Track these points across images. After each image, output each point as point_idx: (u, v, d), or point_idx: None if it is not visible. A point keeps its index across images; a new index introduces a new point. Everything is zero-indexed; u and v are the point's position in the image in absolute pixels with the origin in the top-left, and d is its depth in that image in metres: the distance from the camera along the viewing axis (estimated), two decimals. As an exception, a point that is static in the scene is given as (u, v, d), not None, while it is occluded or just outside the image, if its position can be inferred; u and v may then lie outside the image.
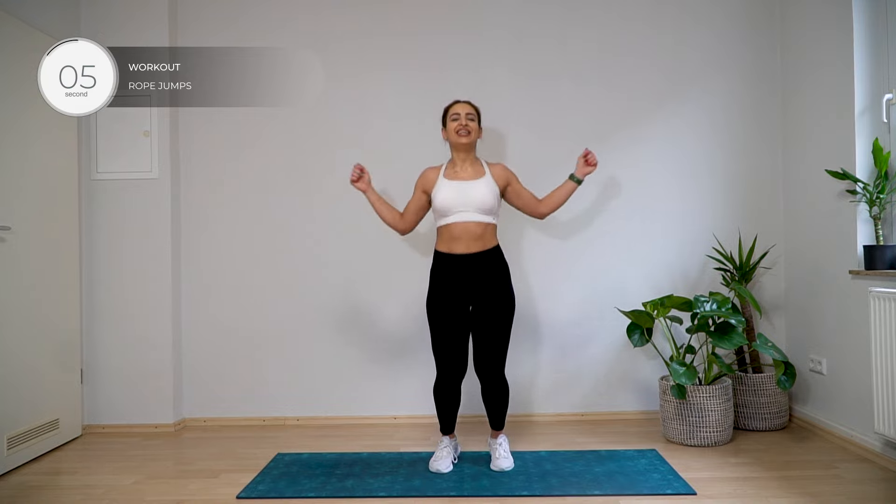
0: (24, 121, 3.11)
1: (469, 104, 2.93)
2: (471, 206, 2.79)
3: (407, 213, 2.99)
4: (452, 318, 2.82)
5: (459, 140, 2.85)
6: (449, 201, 2.80)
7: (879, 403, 2.70)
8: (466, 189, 2.82)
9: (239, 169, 3.75)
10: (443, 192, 2.83)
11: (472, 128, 2.87)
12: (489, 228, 2.84)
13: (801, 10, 3.45)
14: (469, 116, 2.88)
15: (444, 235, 2.85)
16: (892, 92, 2.91)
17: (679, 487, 2.58)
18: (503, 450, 2.90)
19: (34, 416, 3.15)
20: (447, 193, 2.82)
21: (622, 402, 3.68)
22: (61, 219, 3.42)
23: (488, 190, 2.83)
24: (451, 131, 2.88)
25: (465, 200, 2.79)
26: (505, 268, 2.88)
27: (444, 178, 2.88)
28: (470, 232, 2.79)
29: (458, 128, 2.85)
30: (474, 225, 2.79)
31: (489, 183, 2.85)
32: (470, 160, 2.92)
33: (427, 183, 2.92)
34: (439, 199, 2.83)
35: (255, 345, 3.72)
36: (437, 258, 2.88)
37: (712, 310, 3.15)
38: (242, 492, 2.63)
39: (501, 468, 2.82)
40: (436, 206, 2.85)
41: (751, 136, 3.68)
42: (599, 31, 3.70)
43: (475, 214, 2.79)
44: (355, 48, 3.73)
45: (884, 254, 2.84)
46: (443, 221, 2.84)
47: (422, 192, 2.94)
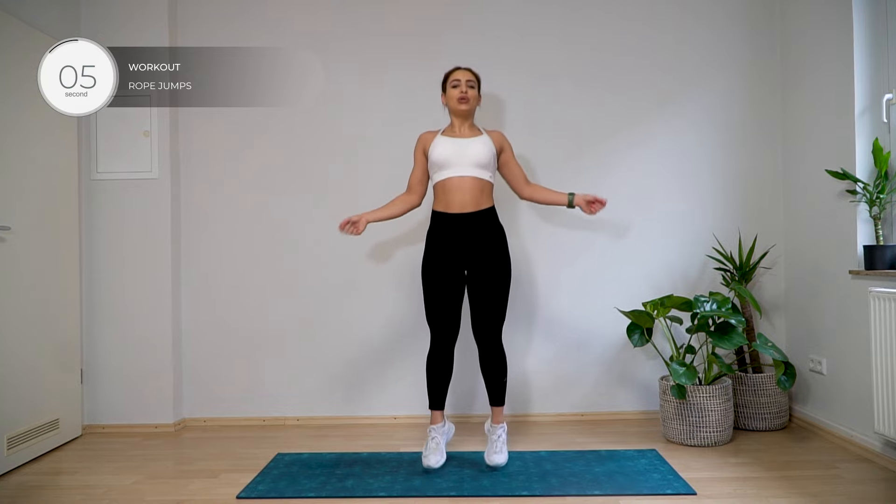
0: (24, 121, 3.11)
1: (469, 71, 2.97)
2: (467, 161, 2.82)
3: (413, 182, 3.00)
4: (447, 280, 2.82)
5: (459, 107, 2.89)
6: (445, 155, 2.83)
7: (879, 403, 2.70)
8: (463, 144, 2.85)
9: (239, 169, 3.75)
10: (440, 147, 2.86)
11: (472, 95, 2.91)
12: (485, 187, 2.86)
13: (801, 10, 3.45)
14: (469, 83, 2.92)
15: (440, 192, 2.87)
16: (892, 92, 2.91)
17: (679, 487, 2.58)
18: (500, 443, 2.86)
19: (34, 416, 3.15)
20: (444, 148, 2.85)
21: (622, 402, 3.68)
22: (61, 219, 3.42)
23: (485, 146, 2.87)
24: (451, 97, 2.91)
25: (462, 154, 2.83)
26: (501, 230, 2.91)
27: (442, 135, 2.92)
28: (466, 187, 2.81)
29: (459, 95, 2.88)
30: (470, 180, 2.82)
31: (486, 141, 2.90)
32: (468, 124, 2.95)
33: (425, 144, 2.95)
34: (436, 154, 2.85)
35: (255, 345, 3.72)
36: (433, 219, 2.90)
37: (712, 310, 3.15)
38: (242, 492, 2.63)
39: (495, 463, 2.79)
40: (432, 160, 2.87)
41: (751, 136, 3.68)
42: (600, 30, 3.70)
43: (471, 168, 2.82)
44: (355, 48, 3.73)
45: (884, 254, 2.84)
46: (439, 176, 2.87)
47: (422, 154, 2.96)
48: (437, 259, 2.85)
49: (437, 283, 2.84)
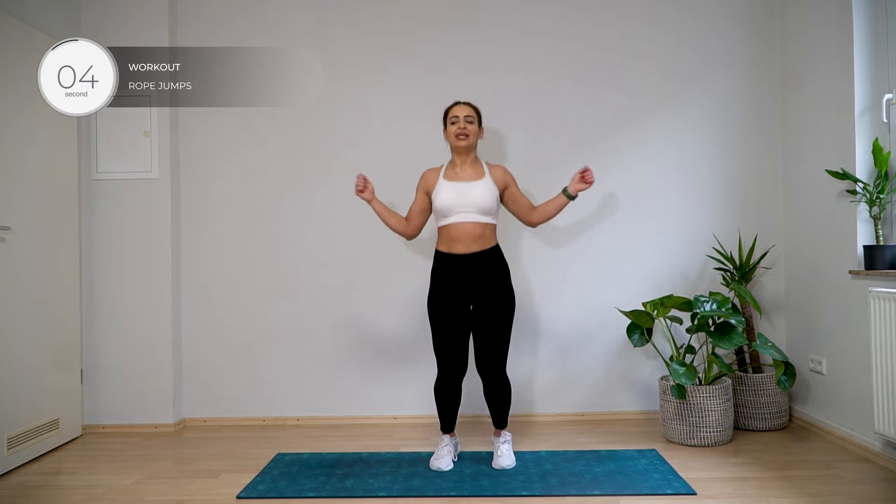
0: (24, 121, 3.11)
1: (469, 105, 2.93)
2: (470, 207, 2.80)
3: (411, 216, 2.99)
4: (453, 317, 2.83)
5: (458, 143, 2.87)
6: (449, 202, 2.81)
7: (879, 403, 2.70)
8: (466, 190, 2.83)
9: (239, 169, 3.75)
10: (443, 194, 2.84)
11: (471, 130, 2.88)
12: (488, 229, 2.85)
13: (801, 10, 3.45)
14: (468, 119, 2.88)
15: (444, 236, 2.87)
16: (892, 92, 2.91)
17: (679, 487, 2.58)
18: (506, 448, 2.91)
19: (34, 416, 3.15)
20: (447, 194, 2.83)
21: (622, 402, 3.68)
22: (61, 219, 3.42)
23: (487, 191, 2.84)
24: (450, 134, 2.89)
25: (465, 201, 2.80)
26: (505, 267, 2.90)
27: (444, 179, 2.89)
28: (469, 232, 2.80)
29: (457, 131, 2.86)
30: (473, 225, 2.80)
31: (489, 184, 2.86)
32: (470, 161, 2.92)
33: (428, 184, 2.93)
34: (439, 200, 2.84)
35: (255, 345, 3.72)
36: (437, 258, 2.90)
37: (712, 310, 3.15)
38: (242, 492, 2.63)
39: (502, 466, 2.84)
40: (436, 206, 2.86)
41: (751, 136, 3.68)
42: (599, 31, 3.70)
43: (475, 215, 2.81)
44: (355, 48, 3.73)
45: (884, 254, 2.84)
46: (443, 222, 2.86)
47: (423, 193, 2.95)
48: (444, 296, 2.84)
49: (444, 320, 2.84)
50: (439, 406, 2.93)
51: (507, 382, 2.91)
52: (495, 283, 2.84)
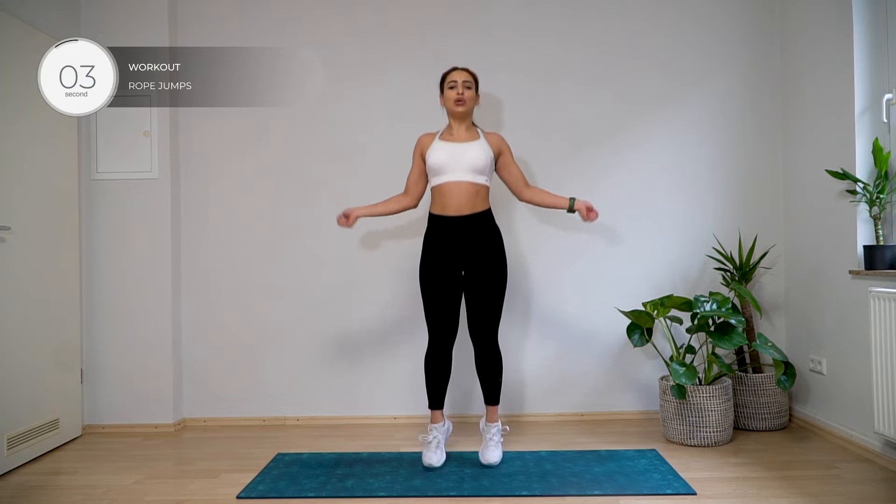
0: (24, 121, 3.11)
1: (466, 71, 2.97)
2: (463, 166, 2.83)
3: (410, 183, 3.02)
4: (444, 281, 2.85)
5: (456, 108, 2.89)
6: (442, 160, 2.85)
7: (879, 403, 2.70)
8: (460, 150, 2.86)
9: (239, 169, 3.75)
10: (436, 153, 2.87)
11: (469, 96, 2.92)
12: (481, 190, 2.87)
13: (801, 10, 3.45)
14: (466, 84, 2.92)
15: (437, 197, 2.89)
16: (892, 92, 2.91)
17: (679, 487, 2.58)
18: (495, 441, 2.90)
19: (34, 416, 3.15)
20: (440, 153, 2.86)
21: (622, 402, 3.68)
22: (61, 219, 3.42)
23: (482, 152, 2.87)
24: (448, 98, 2.92)
25: (458, 159, 2.84)
26: (497, 232, 2.93)
27: (439, 140, 2.93)
28: (463, 191, 2.83)
29: (455, 96, 2.89)
30: (466, 185, 2.83)
31: (483, 146, 2.90)
32: (466, 126, 2.96)
33: (423, 147, 2.96)
34: (433, 159, 2.87)
35: (254, 345, 3.72)
36: (430, 221, 2.92)
37: (712, 310, 3.15)
38: (242, 492, 2.63)
39: (489, 461, 2.83)
40: (430, 165, 2.89)
41: (751, 136, 3.68)
42: (600, 31, 3.70)
43: (467, 174, 2.83)
44: (355, 48, 3.73)
45: (884, 254, 2.84)
46: (436, 181, 2.89)
47: (420, 157, 2.98)
48: (435, 261, 2.87)
49: (435, 285, 2.86)
50: (428, 378, 2.92)
51: (499, 353, 2.93)
52: (488, 247, 2.86)
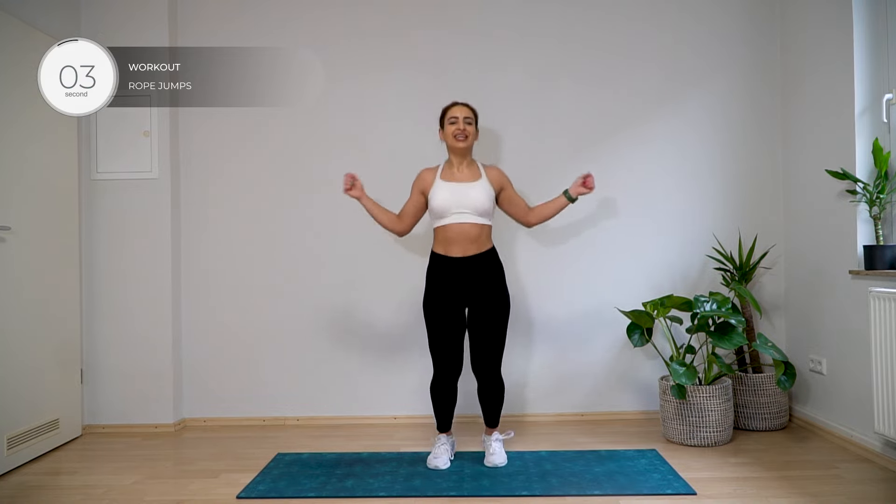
0: (24, 121, 3.11)
1: (467, 107, 2.94)
2: (467, 208, 2.81)
3: (404, 214, 3.00)
4: (449, 318, 2.85)
5: (457, 144, 2.87)
6: (446, 203, 2.82)
7: (879, 403, 2.70)
8: (463, 191, 2.84)
9: (239, 169, 3.75)
10: (440, 194, 2.84)
11: (470, 132, 2.90)
12: (485, 230, 2.86)
13: (801, 10, 3.45)
14: (467, 120, 2.90)
15: (441, 237, 2.87)
16: (892, 92, 2.91)
17: (679, 487, 2.58)
18: (497, 446, 2.92)
19: (34, 416, 3.15)
20: (444, 195, 2.83)
21: (622, 402, 3.68)
22: (61, 219, 3.42)
23: (484, 192, 2.85)
24: (448, 135, 2.90)
25: (462, 202, 2.81)
26: (500, 269, 2.92)
27: (441, 179, 2.90)
28: (466, 233, 2.81)
29: (456, 132, 2.87)
30: (470, 226, 2.82)
31: (485, 185, 2.88)
32: (466, 162, 2.94)
33: (424, 184, 2.93)
34: (436, 201, 2.84)
35: (254, 345, 3.72)
36: (433, 259, 2.91)
37: (712, 310, 3.15)
38: (242, 492, 2.63)
39: (495, 464, 2.86)
40: (432, 207, 2.87)
41: (751, 136, 3.68)
42: (600, 31, 3.70)
43: (471, 216, 2.82)
44: (355, 48, 3.73)
45: (884, 254, 2.84)
46: (439, 223, 2.86)
47: (419, 193, 2.95)
48: (439, 299, 2.86)
49: (440, 322, 2.86)
50: (436, 405, 2.95)
51: (502, 383, 2.94)
52: (491, 286, 2.86)
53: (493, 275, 2.87)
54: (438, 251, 2.88)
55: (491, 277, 2.86)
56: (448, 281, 2.84)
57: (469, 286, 2.83)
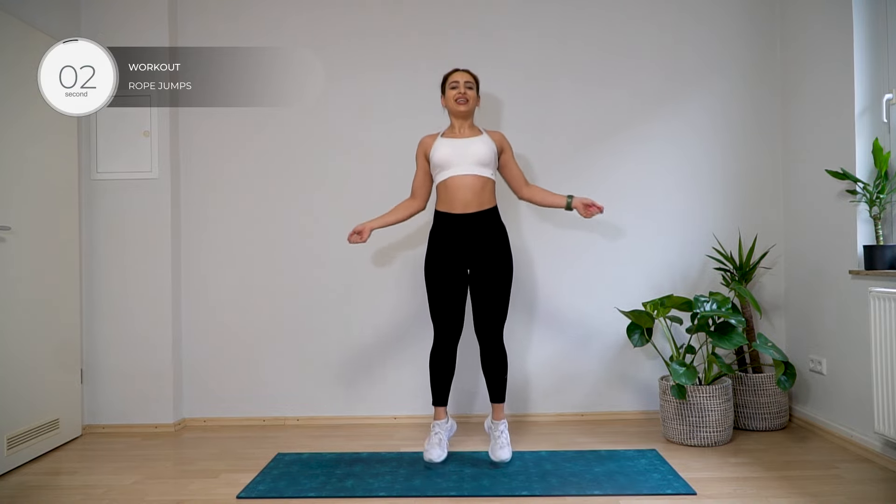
0: (24, 121, 3.11)
1: (468, 72, 2.99)
2: (468, 160, 2.85)
3: (416, 186, 3.02)
4: (450, 279, 2.86)
5: (458, 108, 2.91)
6: (446, 155, 2.86)
7: (879, 403, 2.70)
8: (464, 145, 2.88)
9: (239, 169, 3.75)
10: (441, 150, 2.88)
11: (471, 96, 2.94)
12: (488, 184, 2.88)
13: (801, 10, 3.45)
14: (468, 85, 2.94)
15: (442, 192, 2.89)
16: (892, 92, 2.91)
17: (679, 487, 2.58)
18: (504, 438, 2.91)
19: (34, 416, 3.15)
20: (445, 150, 2.87)
21: (622, 402, 3.68)
22: (61, 219, 3.42)
23: (485, 145, 2.90)
24: (449, 99, 2.94)
25: (463, 153, 2.85)
26: (503, 229, 2.94)
27: (442, 138, 2.94)
28: (469, 186, 2.84)
29: (457, 96, 2.91)
30: (472, 178, 2.84)
31: (486, 140, 2.93)
32: (468, 124, 2.98)
33: (426, 147, 2.97)
34: (437, 156, 2.87)
35: (255, 345, 3.72)
36: (436, 218, 2.92)
37: (712, 310, 3.15)
38: (242, 492, 2.63)
39: (501, 459, 2.84)
40: (434, 162, 2.89)
41: (751, 136, 3.68)
42: (600, 30, 3.70)
43: (473, 167, 2.84)
44: (354, 48, 3.73)
45: (884, 254, 2.84)
46: (441, 176, 2.88)
47: (423, 158, 2.97)
48: (441, 258, 2.87)
49: (441, 282, 2.86)
50: (433, 375, 2.94)
51: (504, 350, 2.95)
52: (494, 244, 2.87)
53: (496, 234, 2.89)
54: (441, 209, 2.90)
55: (494, 236, 2.88)
56: (450, 239, 2.85)
57: (472, 245, 2.85)
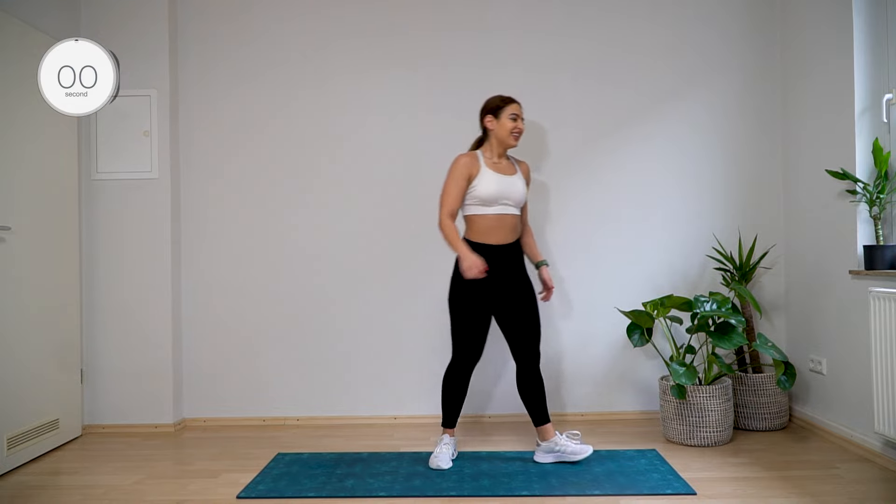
0: (23, 121, 3.11)
1: (519, 105, 2.97)
2: (511, 200, 2.89)
3: (455, 206, 2.87)
4: (482, 308, 2.88)
5: (511, 142, 2.93)
6: (494, 193, 2.84)
7: (879, 403, 2.70)
8: (509, 183, 2.90)
9: (239, 169, 3.75)
10: (490, 185, 2.85)
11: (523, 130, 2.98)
12: (519, 221, 2.97)
13: (801, 10, 3.45)
14: (522, 119, 2.96)
15: (480, 225, 2.88)
16: (892, 92, 2.91)
17: (679, 487, 2.58)
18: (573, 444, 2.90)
19: (34, 416, 3.15)
20: (492, 185, 2.85)
21: (622, 402, 3.68)
22: (61, 219, 3.42)
23: (523, 186, 2.96)
24: (504, 128, 2.90)
25: (508, 194, 2.87)
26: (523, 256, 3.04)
27: (487, 168, 2.90)
28: (507, 224, 2.88)
29: (516, 130, 2.91)
30: (511, 217, 2.90)
31: (522, 179, 2.98)
32: (506, 155, 3.00)
33: (471, 171, 2.87)
34: (485, 190, 2.84)
35: (255, 345, 3.72)
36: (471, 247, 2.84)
37: (712, 310, 3.15)
38: (242, 492, 2.63)
39: (585, 454, 2.88)
40: (480, 195, 2.85)
41: (751, 136, 3.68)
42: (601, 29, 3.70)
43: (512, 208, 2.90)
44: (356, 46, 3.73)
45: (884, 254, 2.84)
46: (482, 211, 2.87)
47: (465, 181, 2.87)
48: (473, 289, 2.84)
49: (473, 312, 2.87)
50: (447, 397, 2.96)
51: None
52: (522, 271, 2.96)
53: (522, 261, 3.00)
54: (475, 239, 2.88)
55: (521, 263, 2.97)
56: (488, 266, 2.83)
57: (503, 274, 2.88)
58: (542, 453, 2.94)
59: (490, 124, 2.94)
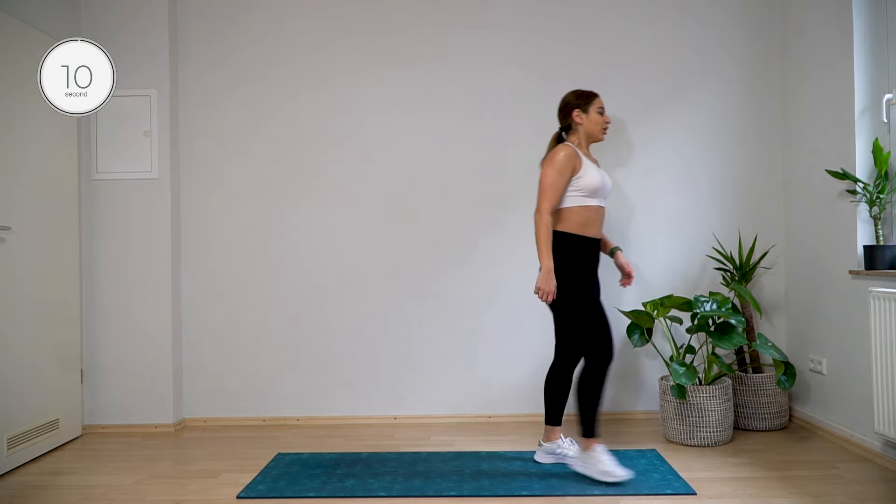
0: (24, 121, 3.12)
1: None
2: (607, 192, 2.91)
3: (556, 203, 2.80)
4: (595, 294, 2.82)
5: (601, 136, 2.92)
6: (598, 185, 2.83)
7: (879, 403, 2.70)
8: (605, 175, 2.91)
9: (239, 169, 3.75)
10: (595, 176, 2.82)
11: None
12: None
13: (801, 11, 3.45)
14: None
15: (580, 217, 2.80)
16: (892, 92, 2.91)
17: (679, 487, 2.58)
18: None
19: (34, 416, 3.15)
20: (597, 176, 2.83)
21: (622, 401, 3.68)
22: (61, 219, 3.42)
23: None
24: (595, 122, 2.88)
25: (606, 185, 2.89)
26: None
27: (587, 160, 2.87)
28: (601, 217, 2.89)
29: (605, 125, 2.91)
30: (604, 211, 2.91)
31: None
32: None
33: (576, 164, 2.81)
34: (594, 182, 2.81)
35: (255, 345, 3.72)
36: (572, 240, 2.79)
37: (712, 310, 3.15)
38: (242, 492, 2.63)
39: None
40: (585, 185, 2.79)
41: (751, 137, 3.68)
42: (600, 31, 3.70)
43: (605, 201, 2.92)
44: (355, 46, 3.73)
45: (884, 254, 2.84)
46: (584, 202, 2.81)
47: (571, 172, 2.79)
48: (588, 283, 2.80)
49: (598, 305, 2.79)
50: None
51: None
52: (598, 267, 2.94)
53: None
54: (576, 231, 2.80)
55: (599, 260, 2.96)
56: (588, 262, 2.84)
57: (595, 268, 2.90)
58: (543, 454, 2.93)
59: (579, 119, 2.89)
